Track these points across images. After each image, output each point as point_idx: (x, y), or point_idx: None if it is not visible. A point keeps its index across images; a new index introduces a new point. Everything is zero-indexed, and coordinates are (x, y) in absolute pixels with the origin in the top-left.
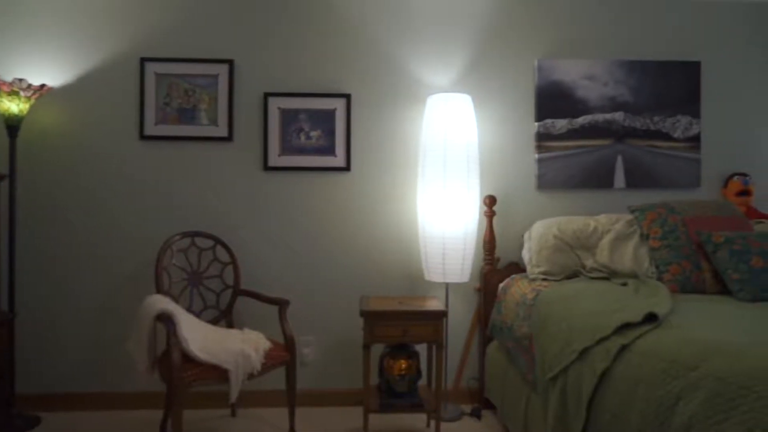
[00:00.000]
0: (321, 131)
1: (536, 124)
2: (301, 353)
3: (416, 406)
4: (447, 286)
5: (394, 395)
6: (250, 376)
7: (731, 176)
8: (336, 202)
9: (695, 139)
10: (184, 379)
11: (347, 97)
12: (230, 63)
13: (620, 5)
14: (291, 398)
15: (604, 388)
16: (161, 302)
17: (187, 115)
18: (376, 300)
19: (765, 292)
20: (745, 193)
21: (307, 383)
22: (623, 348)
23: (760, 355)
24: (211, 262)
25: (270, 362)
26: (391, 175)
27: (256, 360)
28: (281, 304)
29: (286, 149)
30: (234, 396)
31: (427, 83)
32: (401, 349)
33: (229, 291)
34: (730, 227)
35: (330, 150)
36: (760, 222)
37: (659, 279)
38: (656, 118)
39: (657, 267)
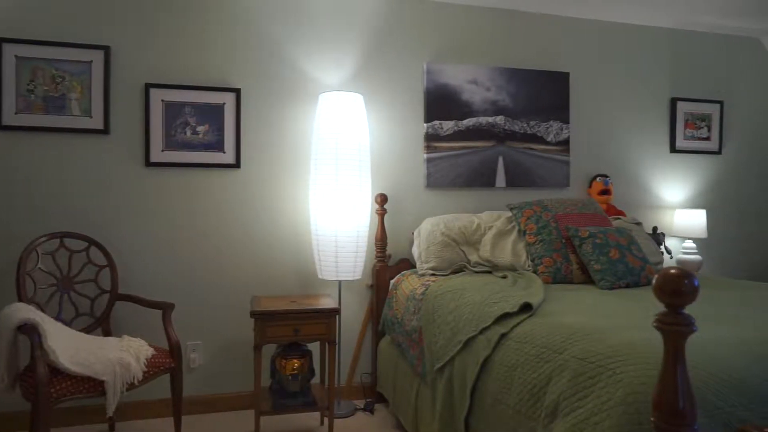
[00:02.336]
0: (209, 126)
1: (425, 125)
2: (188, 358)
3: (309, 405)
4: (340, 283)
5: (286, 395)
6: (131, 387)
7: (594, 177)
8: (225, 199)
9: (565, 143)
10: (51, 394)
11: (237, 91)
12: (106, 49)
13: (500, 16)
14: (177, 406)
15: (486, 374)
16: (23, 311)
17: (55, 104)
18: (267, 300)
19: (620, 280)
20: (605, 192)
21: (195, 390)
22: (503, 336)
23: (615, 337)
24: (84, 265)
25: (153, 370)
26: (282, 173)
27: (137, 368)
28: (165, 308)
29: (171, 144)
30: (111, 409)
31: (319, 81)
32: (293, 349)
33: (106, 296)
34: (594, 223)
35: (218, 146)
36: (617, 218)
37: (534, 271)
38: (532, 123)
39: (533, 260)
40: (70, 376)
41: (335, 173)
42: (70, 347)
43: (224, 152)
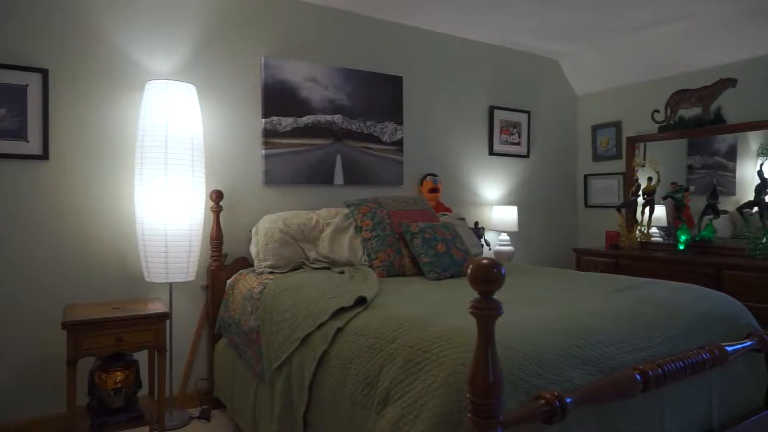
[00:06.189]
0: (6, 111)
1: (263, 120)
2: None
3: (135, 420)
4: (171, 286)
5: (108, 412)
6: None
7: (425, 176)
8: (30, 196)
9: (399, 144)
10: None
11: (44, 72)
12: None
13: (339, 17)
14: None
15: (323, 369)
16: None
17: None
18: (84, 308)
19: (446, 271)
20: (435, 190)
21: None
22: (339, 330)
23: (439, 324)
24: None
25: None
26: (103, 166)
27: None
28: None
29: None
30: None
31: (145, 67)
32: (116, 360)
33: None
34: (424, 219)
35: (20, 134)
36: (444, 214)
37: (370, 266)
38: (369, 123)
39: (369, 255)
40: None
41: (164, 168)
42: None
43: (27, 141)
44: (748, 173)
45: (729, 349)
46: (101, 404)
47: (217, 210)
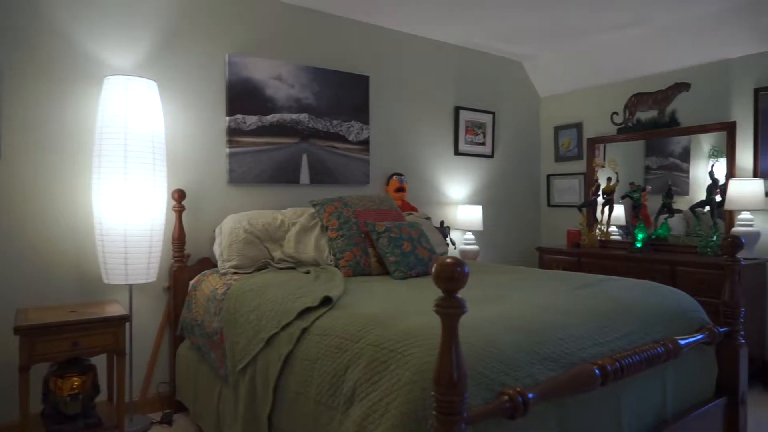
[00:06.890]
0: None
1: (227, 118)
2: None
3: (93, 426)
4: (131, 287)
5: (64, 419)
6: None
7: (392, 175)
8: None
9: (365, 143)
10: None
11: None
12: None
13: (305, 15)
14: None
15: (288, 370)
16: None
17: None
18: (38, 312)
19: (412, 270)
20: (401, 189)
21: None
22: (304, 331)
23: (404, 322)
24: None
25: None
26: (58, 165)
27: None
28: None
29: None
30: None
31: (103, 62)
32: (72, 365)
33: None
34: (390, 218)
35: None
36: (410, 214)
37: (336, 265)
38: (335, 122)
39: (335, 255)
40: None
41: (124, 167)
42: None
43: None
44: (700, 174)
45: (682, 342)
46: (57, 411)
47: (179, 209)
